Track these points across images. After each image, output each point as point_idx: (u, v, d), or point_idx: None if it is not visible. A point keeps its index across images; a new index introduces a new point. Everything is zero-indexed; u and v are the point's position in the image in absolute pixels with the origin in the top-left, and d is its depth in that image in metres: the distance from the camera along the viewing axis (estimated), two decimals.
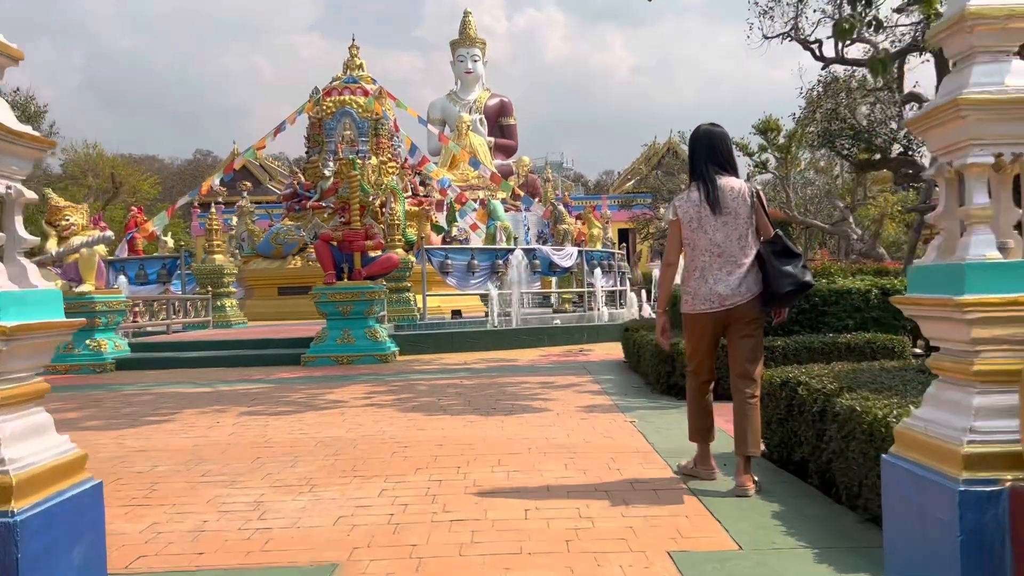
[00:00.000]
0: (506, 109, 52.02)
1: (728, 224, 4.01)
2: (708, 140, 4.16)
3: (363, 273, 11.30)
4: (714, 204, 4.01)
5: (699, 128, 4.26)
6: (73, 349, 11.08)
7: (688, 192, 4.14)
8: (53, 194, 11.61)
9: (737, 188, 4.06)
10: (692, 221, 4.06)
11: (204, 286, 16.25)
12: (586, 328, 13.04)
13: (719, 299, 4.02)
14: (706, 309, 4.06)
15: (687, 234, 4.11)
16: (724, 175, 4.09)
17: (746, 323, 4.08)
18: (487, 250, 17.56)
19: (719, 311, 4.04)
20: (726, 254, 4.02)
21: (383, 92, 22.67)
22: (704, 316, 4.08)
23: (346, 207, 11.49)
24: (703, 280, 4.05)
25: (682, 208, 4.11)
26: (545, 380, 8.61)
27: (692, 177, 4.18)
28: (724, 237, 4.02)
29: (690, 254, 4.13)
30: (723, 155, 4.15)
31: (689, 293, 4.13)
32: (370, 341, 11.12)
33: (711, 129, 4.24)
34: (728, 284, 4.00)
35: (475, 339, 12.29)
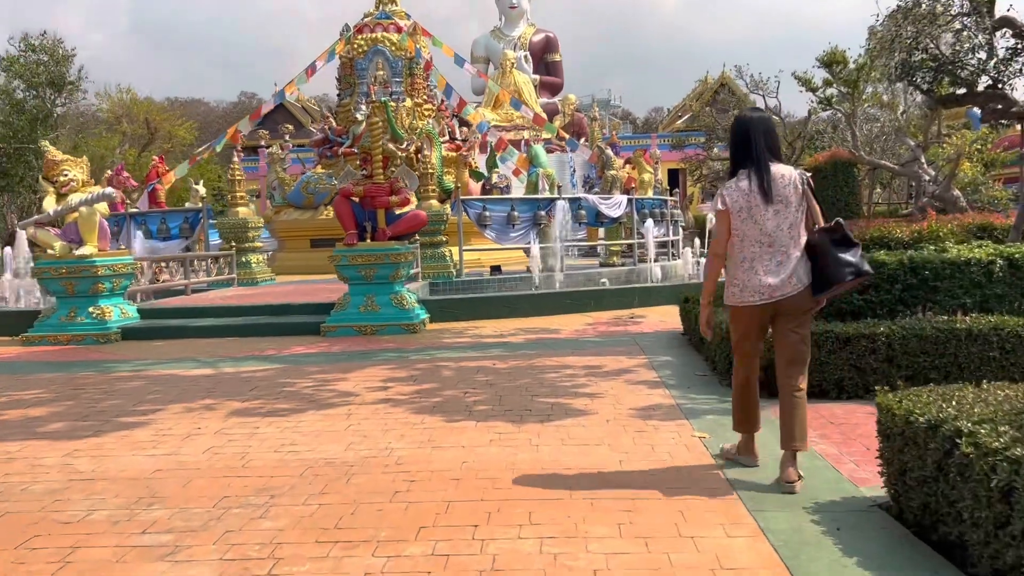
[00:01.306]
0: (552, 45, 49.92)
1: (779, 213, 3.89)
2: (763, 126, 4.02)
3: (388, 233, 10.13)
4: (766, 193, 3.88)
5: (749, 114, 4.12)
6: (76, 317, 10.19)
7: (737, 180, 3.98)
8: (50, 147, 10.60)
9: (788, 176, 3.93)
10: (742, 211, 3.92)
11: (228, 241, 15.28)
12: (637, 291, 11.72)
13: (769, 290, 3.91)
14: (755, 301, 3.94)
15: (736, 224, 3.95)
16: (775, 162, 3.95)
17: (795, 315, 3.98)
18: (528, 200, 16.21)
19: (768, 303, 3.93)
20: (776, 244, 3.90)
21: (417, 28, 21.15)
22: (752, 308, 3.97)
23: (368, 158, 10.26)
24: (752, 271, 3.94)
25: (731, 197, 3.95)
26: (591, 363, 7.39)
27: (741, 164, 4.00)
28: (775, 227, 3.89)
29: (738, 244, 3.98)
30: (775, 142, 4.02)
31: (737, 285, 4.00)
32: (396, 309, 10.00)
33: (764, 115, 4.16)
34: (778, 275, 3.90)
35: (513, 304, 11.10)
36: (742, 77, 32.13)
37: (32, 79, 26.45)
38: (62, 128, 28.55)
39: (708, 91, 55.52)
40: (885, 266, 6.18)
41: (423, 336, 9.69)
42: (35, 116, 26.68)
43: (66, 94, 27.56)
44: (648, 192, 19.18)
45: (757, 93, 32.39)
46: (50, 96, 27.15)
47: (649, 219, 16.66)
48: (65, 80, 27.05)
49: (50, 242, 10.24)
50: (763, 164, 3.92)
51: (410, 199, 10.40)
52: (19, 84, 26.93)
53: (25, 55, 26.79)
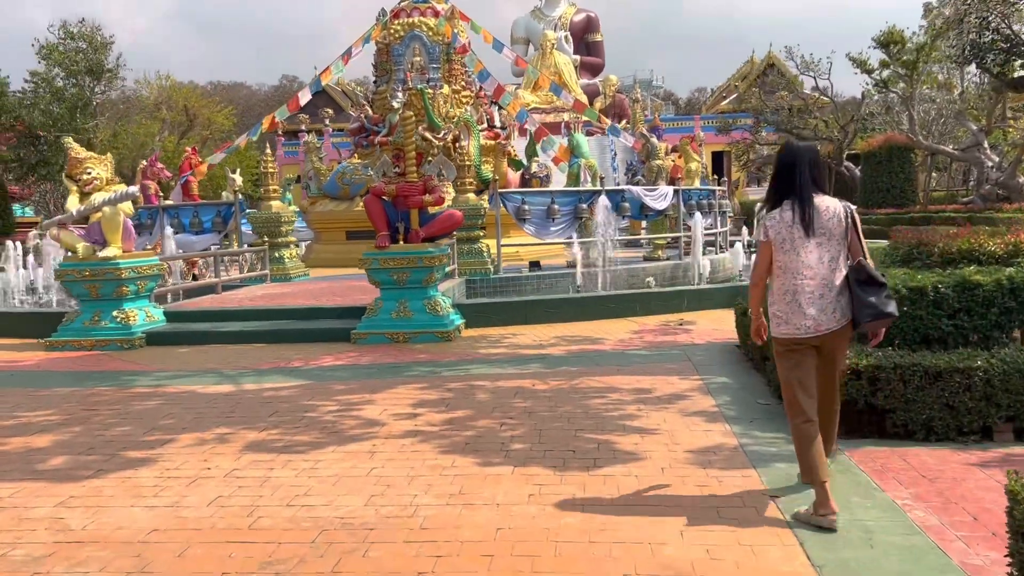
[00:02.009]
0: (592, 25, 48.88)
1: (822, 246, 3.90)
2: (808, 157, 3.97)
3: (421, 234, 9.56)
4: (808, 225, 3.88)
5: (795, 144, 4.11)
6: (100, 322, 9.82)
7: (780, 211, 3.96)
8: (73, 143, 10.20)
9: (832, 208, 3.93)
10: (784, 242, 3.93)
11: (260, 235, 14.87)
12: (686, 293, 11.00)
13: (813, 324, 3.91)
14: (800, 334, 3.94)
15: (778, 256, 3.96)
16: (819, 194, 3.95)
17: (839, 346, 4.03)
18: (569, 193, 15.53)
19: (812, 337, 3.93)
20: (819, 277, 3.90)
21: (455, 12, 20.48)
22: (794, 341, 3.97)
23: (401, 155, 9.69)
24: (795, 304, 3.93)
25: (774, 228, 3.96)
26: (639, 384, 6.76)
27: (784, 195, 3.98)
28: (817, 259, 3.90)
29: (781, 276, 3.99)
30: (820, 173, 4.01)
31: (780, 317, 4.00)
32: (429, 315, 9.45)
33: (811, 146, 4.13)
34: (822, 308, 3.89)
35: (554, 308, 10.47)
36: (792, 58, 30.95)
37: (71, 67, 26.39)
38: (101, 116, 28.53)
39: (754, 72, 54.02)
40: (980, 287, 5.44)
41: (457, 345, 9.13)
42: (74, 104, 26.63)
43: (105, 82, 27.46)
44: (695, 182, 18.36)
45: (808, 74, 31.24)
46: (89, 84, 27.09)
47: (697, 212, 15.86)
48: (103, 68, 26.95)
49: (73, 243, 9.88)
50: (806, 196, 3.90)
51: (444, 198, 9.81)
52: (59, 72, 26.90)
53: (64, 43, 26.74)
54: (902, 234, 7.13)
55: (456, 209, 14.07)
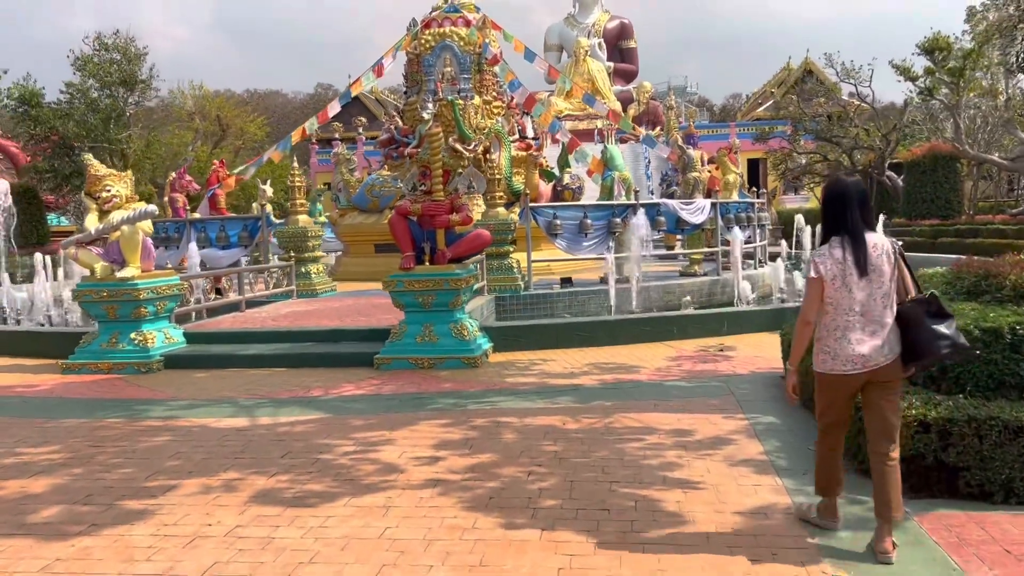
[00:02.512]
0: (626, 31, 48.43)
1: (872, 283, 3.90)
2: (858, 194, 3.97)
3: (447, 255, 9.15)
4: (861, 264, 3.89)
5: (844, 181, 4.06)
6: (117, 344, 9.54)
7: (830, 248, 3.96)
8: (93, 160, 9.96)
9: (880, 245, 3.95)
10: (835, 279, 3.93)
11: (287, 250, 14.58)
12: (726, 316, 10.44)
13: (862, 361, 3.90)
14: (848, 371, 3.92)
15: (829, 293, 3.96)
16: (868, 232, 3.95)
17: (886, 385, 3.97)
18: (602, 207, 15.05)
19: (861, 373, 3.91)
20: (869, 314, 3.90)
21: (487, 21, 20.11)
22: (844, 378, 3.95)
23: (427, 172, 9.30)
24: (845, 340, 3.92)
25: (825, 266, 3.95)
26: (680, 424, 6.25)
27: (834, 231, 3.99)
28: (868, 296, 3.91)
29: (831, 313, 3.97)
30: (869, 210, 4.02)
31: (828, 352, 3.98)
32: (455, 340, 9.02)
33: (858, 181, 4.09)
34: (872, 345, 3.88)
35: (586, 332, 9.98)
36: (832, 65, 30.09)
37: (104, 78, 26.49)
38: (135, 127, 28.63)
39: (791, 78, 53.06)
40: None
41: (484, 372, 8.69)
42: (108, 115, 26.72)
43: (138, 92, 27.55)
44: (733, 194, 17.77)
45: (848, 81, 30.39)
46: (123, 95, 27.18)
47: (736, 228, 15.27)
48: (136, 79, 27.03)
49: (91, 263, 9.62)
50: (859, 235, 3.90)
51: (472, 217, 9.39)
52: (93, 83, 27.02)
53: (99, 54, 26.86)
54: (967, 264, 6.53)
55: (486, 223, 13.70)
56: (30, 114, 25.94)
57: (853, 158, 31.36)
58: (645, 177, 33.08)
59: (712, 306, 15.28)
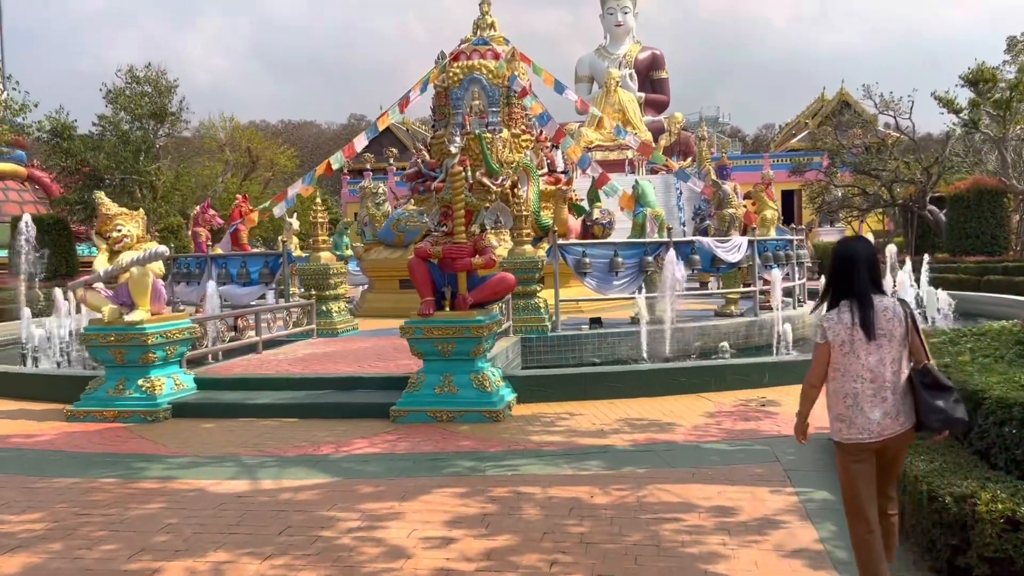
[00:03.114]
0: (658, 62, 48.16)
1: (882, 347, 3.79)
2: (867, 256, 3.90)
3: (469, 299, 8.62)
4: (869, 328, 3.77)
5: (853, 244, 3.96)
6: (124, 391, 9.11)
7: (838, 312, 3.86)
8: (104, 199, 9.63)
9: (891, 308, 3.84)
10: (844, 344, 3.81)
11: (308, 288, 14.18)
12: (767, 367, 9.74)
13: (877, 428, 3.78)
14: (863, 439, 3.80)
15: (837, 358, 3.84)
16: (877, 295, 3.86)
17: (902, 449, 3.97)
18: (634, 244, 14.47)
19: (875, 441, 3.79)
20: (879, 379, 3.79)
21: (516, 54, 19.76)
22: (859, 446, 3.82)
23: (449, 212, 8.81)
24: (856, 408, 3.80)
25: (832, 330, 3.85)
26: (721, 501, 5.61)
27: (841, 294, 3.90)
28: (877, 361, 3.79)
29: (840, 379, 3.85)
30: (878, 273, 3.92)
31: (842, 420, 3.86)
32: (477, 391, 8.46)
33: (867, 243, 4.03)
34: (885, 412, 3.78)
35: (617, 382, 9.35)
36: (870, 96, 29.34)
37: (135, 110, 26.61)
38: (164, 159, 28.71)
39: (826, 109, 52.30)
40: None
41: (507, 427, 8.10)
42: (138, 147, 26.80)
43: (169, 124, 27.64)
44: (771, 231, 17.09)
45: (887, 113, 29.62)
46: (153, 127, 27.27)
47: (776, 269, 14.60)
48: (167, 111, 27.12)
49: (100, 305, 9.24)
50: (867, 298, 3.82)
51: (496, 260, 8.86)
52: (124, 116, 27.16)
53: (130, 87, 27.01)
54: None
55: (512, 261, 13.19)
56: (62, 146, 26.10)
57: (892, 191, 30.49)
58: (677, 208, 32.44)
59: (749, 349, 14.60)
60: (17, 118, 24.05)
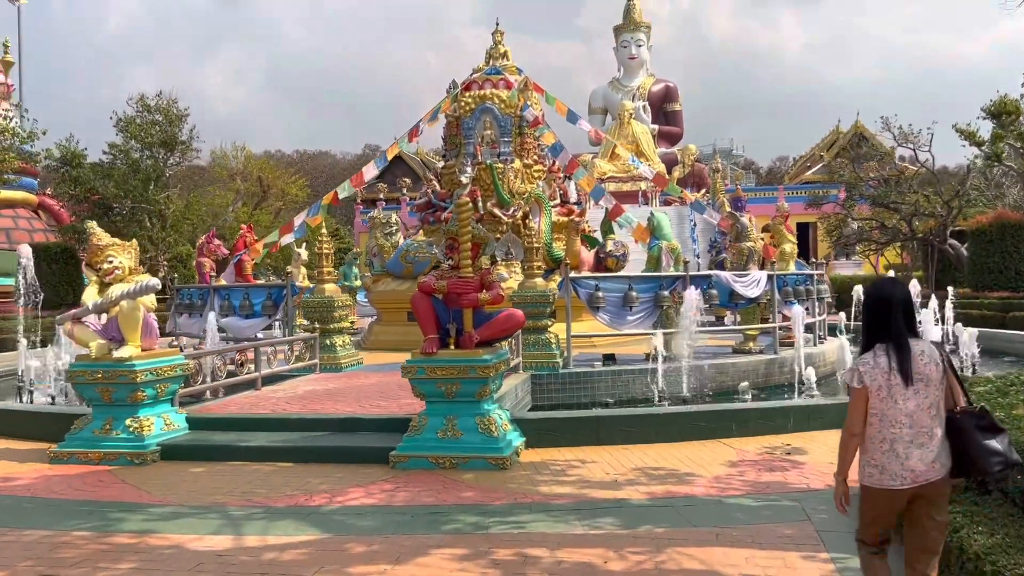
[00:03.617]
0: (671, 95, 48.05)
1: (919, 392, 3.69)
2: (902, 300, 3.77)
3: (475, 337, 8.13)
4: (906, 373, 3.67)
5: (888, 287, 3.85)
6: (111, 431, 8.64)
7: (874, 356, 3.75)
8: (96, 228, 9.24)
9: (927, 353, 3.73)
10: (881, 390, 3.71)
11: (312, 321, 13.73)
12: (792, 411, 9.16)
13: (912, 475, 3.67)
14: (897, 485, 3.69)
15: (875, 403, 3.73)
16: (913, 339, 3.75)
17: (934, 500, 3.76)
18: (649, 278, 13.99)
19: (910, 488, 3.68)
20: (917, 425, 3.69)
21: (529, 83, 19.45)
22: (892, 492, 3.71)
23: (454, 245, 8.36)
24: (893, 453, 3.70)
25: (869, 375, 3.73)
26: (747, 570, 5.04)
27: (877, 338, 3.78)
28: (916, 407, 3.69)
29: (877, 425, 3.73)
30: (913, 316, 3.80)
31: (876, 466, 3.74)
32: (482, 435, 7.93)
33: (903, 286, 3.91)
34: (922, 458, 3.67)
35: (632, 426, 8.80)
36: (888, 128, 28.85)
37: (145, 139, 26.48)
38: (174, 188, 28.53)
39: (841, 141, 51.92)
40: None
41: (514, 475, 7.56)
42: (148, 175, 26.65)
43: (179, 153, 27.49)
44: (790, 265, 16.55)
45: (906, 146, 29.12)
46: (163, 156, 27.12)
47: (797, 306, 14.05)
48: (177, 140, 26.98)
49: (87, 340, 8.81)
50: (903, 343, 3.73)
51: (504, 296, 8.37)
52: (134, 144, 27.04)
53: (141, 115, 26.93)
54: None
55: (523, 295, 12.71)
56: (71, 174, 25.97)
57: (912, 225, 29.89)
58: (691, 240, 31.97)
59: (769, 387, 14.01)
60: (25, 145, 23.97)
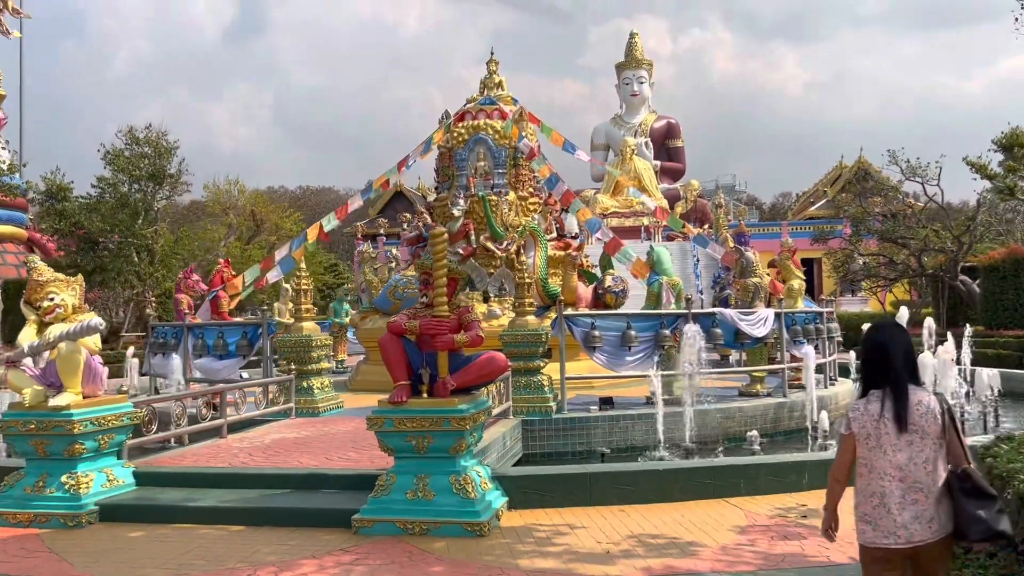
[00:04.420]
0: (673, 131, 47.81)
1: (913, 444, 3.49)
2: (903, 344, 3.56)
3: (451, 384, 7.21)
4: (900, 421, 3.48)
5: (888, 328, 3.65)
6: (45, 488, 7.70)
7: (866, 403, 3.59)
8: (38, 262, 8.38)
9: (926, 403, 3.53)
10: (869, 438, 3.54)
11: (288, 362, 12.82)
12: (806, 466, 8.17)
13: (905, 533, 3.47)
14: (890, 543, 3.49)
15: (863, 452, 3.57)
16: (913, 386, 3.53)
17: (934, 564, 3.52)
18: (649, 316, 13.09)
19: (904, 548, 3.47)
20: (909, 479, 3.47)
21: (524, 114, 18.77)
22: (888, 551, 3.51)
23: (429, 280, 7.49)
24: (884, 509, 3.51)
25: (857, 421, 3.58)
26: None
27: (872, 383, 3.60)
28: (907, 459, 3.48)
29: (866, 476, 3.58)
30: (914, 362, 3.60)
31: (868, 522, 3.58)
32: (457, 496, 6.97)
33: (903, 329, 3.67)
34: (915, 516, 3.45)
35: (628, 483, 7.81)
36: (896, 162, 28.14)
37: (132, 172, 25.82)
38: (162, 222, 27.81)
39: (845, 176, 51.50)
40: None
41: (492, 544, 6.60)
42: (136, 210, 25.95)
43: (168, 187, 26.81)
44: (798, 302, 15.64)
45: (914, 180, 28.38)
46: (151, 189, 26.44)
47: (809, 347, 13.14)
48: (165, 173, 26.30)
49: (22, 386, 7.91)
50: (901, 388, 3.51)
51: (483, 337, 7.44)
52: (123, 178, 26.39)
53: (130, 147, 26.31)
54: None
55: (513, 334, 11.82)
56: (55, 208, 25.27)
57: (921, 260, 29.04)
58: (694, 276, 31.13)
59: (778, 434, 13.06)
60: (4, 177, 23.27)
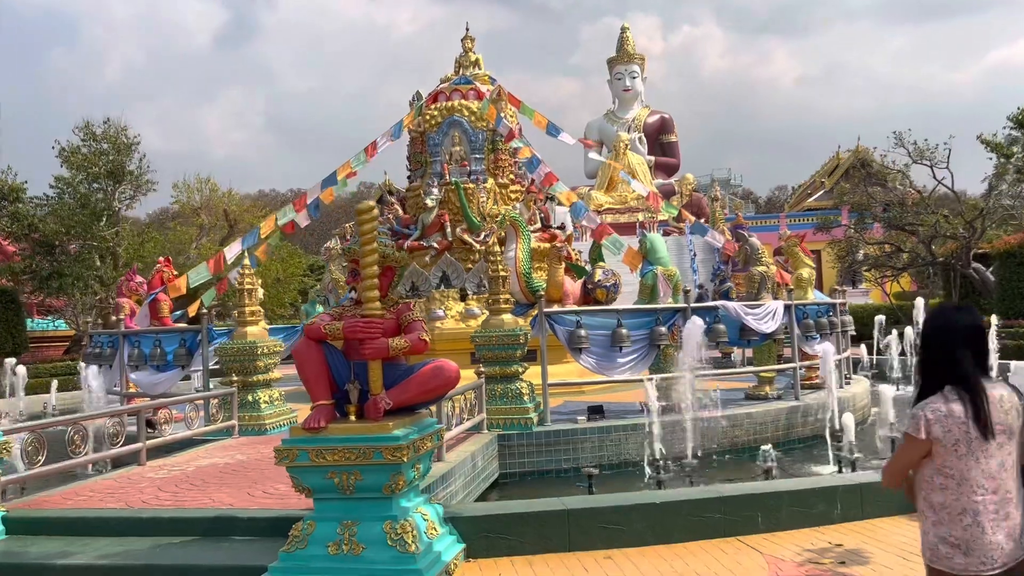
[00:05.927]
0: (667, 126, 46.71)
1: (1003, 448, 2.92)
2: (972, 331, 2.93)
3: (384, 403, 5.55)
4: (986, 423, 2.87)
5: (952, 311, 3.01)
6: None
7: (946, 402, 2.89)
8: None
9: (1007, 398, 2.95)
10: (959, 445, 2.89)
11: (230, 372, 11.17)
12: (839, 492, 6.55)
13: (1001, 554, 2.86)
14: (986, 571, 2.85)
15: (951, 462, 2.91)
16: (988, 380, 2.94)
17: None
18: (642, 311, 11.48)
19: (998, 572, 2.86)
20: (1002, 489, 2.91)
21: (502, 93, 17.14)
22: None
23: (357, 272, 5.86)
24: (979, 528, 2.86)
25: (941, 425, 2.87)
26: None
27: (941, 378, 2.91)
28: (999, 466, 2.91)
29: (954, 490, 2.92)
30: (984, 351, 2.95)
31: (958, 547, 2.88)
32: (392, 550, 5.32)
33: (973, 314, 3.01)
34: (1008, 532, 2.88)
35: (616, 523, 6.17)
36: (903, 145, 26.58)
37: (89, 169, 24.15)
38: (124, 223, 26.12)
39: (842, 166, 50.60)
40: None
41: None
42: (96, 211, 24.27)
43: (131, 186, 25.11)
44: (808, 293, 14.05)
45: (923, 163, 26.83)
46: (111, 188, 24.75)
47: (827, 344, 11.55)
48: (124, 170, 24.59)
49: None
50: (978, 385, 2.88)
51: (427, 341, 5.79)
52: (82, 177, 24.72)
53: (87, 144, 24.64)
54: None
55: (487, 335, 10.24)
56: (7, 209, 23.61)
57: (931, 248, 27.52)
58: (692, 271, 29.63)
59: (791, 442, 11.47)
60: None
